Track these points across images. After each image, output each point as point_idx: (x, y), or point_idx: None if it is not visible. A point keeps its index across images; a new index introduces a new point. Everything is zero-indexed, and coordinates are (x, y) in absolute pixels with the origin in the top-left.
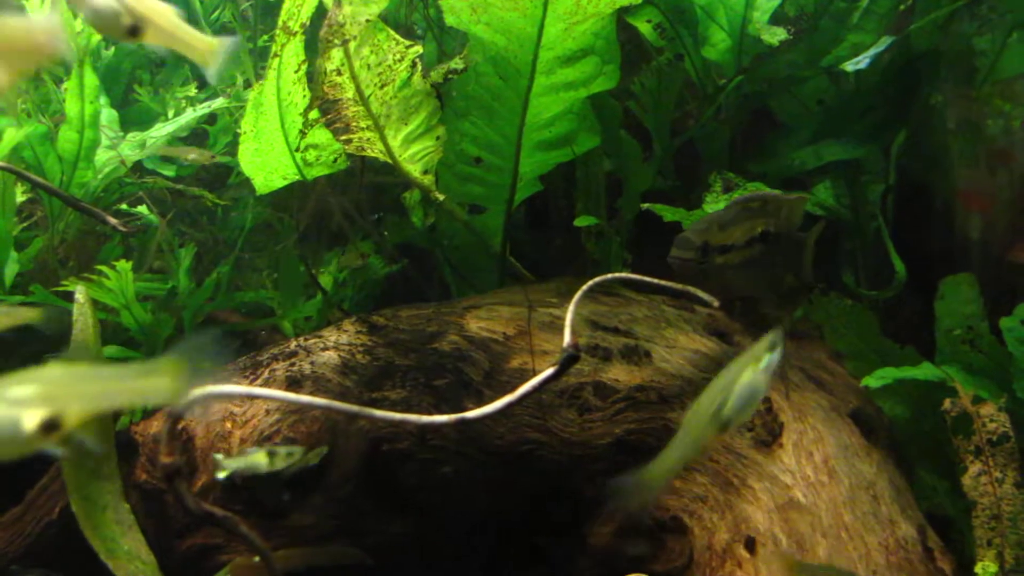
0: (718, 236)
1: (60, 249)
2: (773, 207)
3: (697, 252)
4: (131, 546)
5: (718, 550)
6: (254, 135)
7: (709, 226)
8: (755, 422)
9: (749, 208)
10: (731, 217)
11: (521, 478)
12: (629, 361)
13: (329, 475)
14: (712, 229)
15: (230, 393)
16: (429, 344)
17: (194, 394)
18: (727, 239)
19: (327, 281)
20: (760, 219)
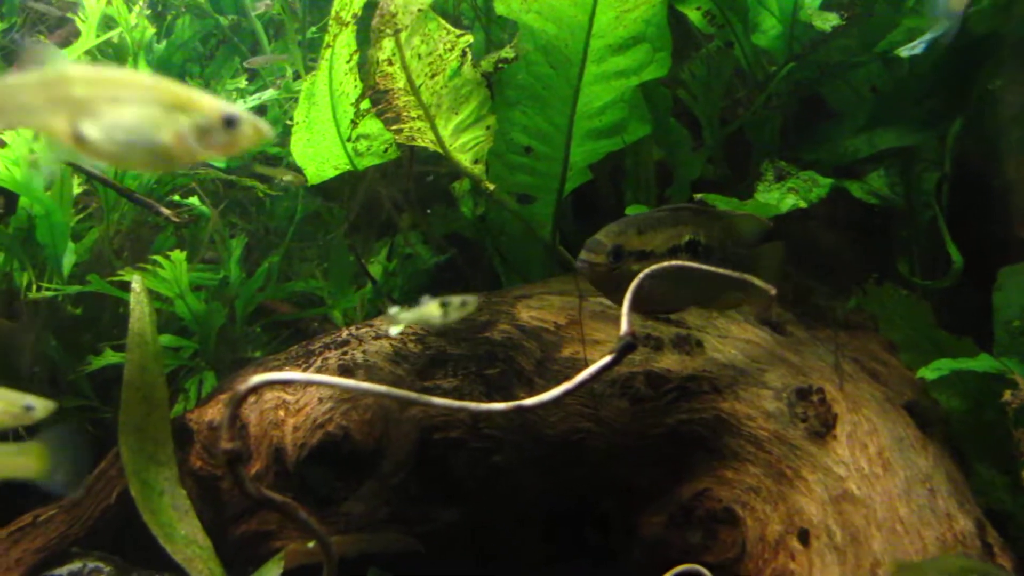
0: (635, 240)
1: (115, 240)
2: (705, 218)
3: (608, 256)
4: (188, 531)
5: (771, 542)
6: (306, 125)
7: (625, 229)
8: (808, 413)
9: (677, 214)
10: (653, 221)
11: (572, 468)
12: (681, 351)
13: (381, 463)
14: (628, 232)
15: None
16: (480, 333)
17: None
18: (645, 245)
19: (377, 271)
20: (688, 227)
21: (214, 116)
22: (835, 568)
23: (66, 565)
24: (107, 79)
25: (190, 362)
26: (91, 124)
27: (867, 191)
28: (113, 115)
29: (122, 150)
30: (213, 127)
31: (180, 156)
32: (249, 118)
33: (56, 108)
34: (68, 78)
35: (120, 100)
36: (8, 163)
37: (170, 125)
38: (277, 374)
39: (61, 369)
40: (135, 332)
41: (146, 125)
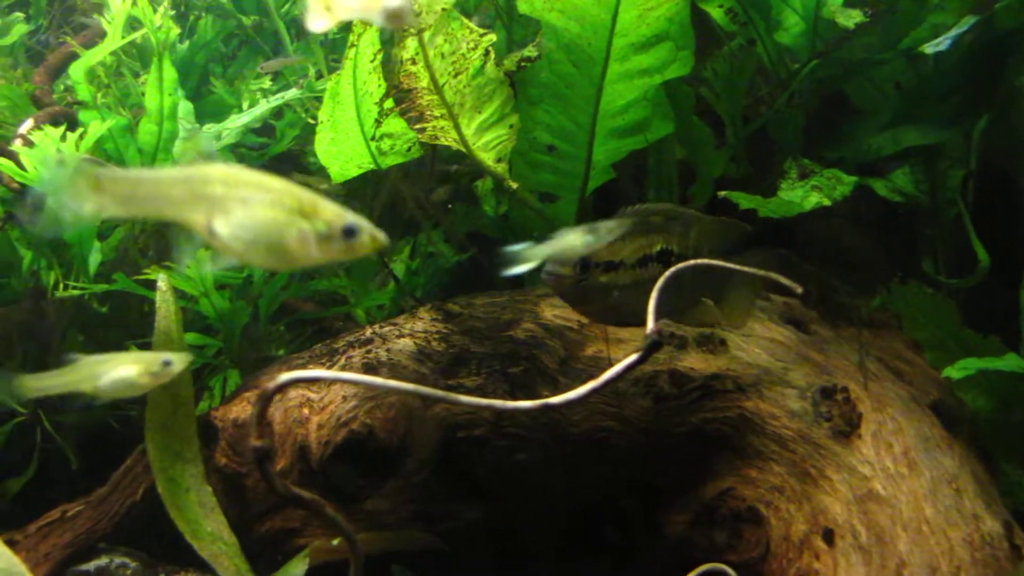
0: (603, 251)
1: (140, 239)
2: (678, 224)
3: (575, 268)
4: (214, 527)
5: (795, 541)
6: (331, 125)
7: (595, 239)
8: (833, 412)
9: (647, 222)
10: (622, 231)
11: (595, 466)
12: (705, 349)
13: (405, 461)
14: (590, 243)
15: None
16: (504, 332)
17: (282, 378)
18: (614, 256)
19: (400, 269)
20: (659, 236)
21: (336, 226)
22: (860, 568)
23: (93, 560)
24: (242, 180)
25: (214, 360)
26: (222, 221)
27: (891, 189)
28: (243, 215)
29: (247, 248)
30: (334, 235)
31: (300, 259)
32: (368, 228)
33: (195, 203)
34: (208, 176)
35: (251, 201)
36: (36, 163)
37: (294, 230)
38: (304, 372)
39: None
40: (161, 330)
41: (271, 228)
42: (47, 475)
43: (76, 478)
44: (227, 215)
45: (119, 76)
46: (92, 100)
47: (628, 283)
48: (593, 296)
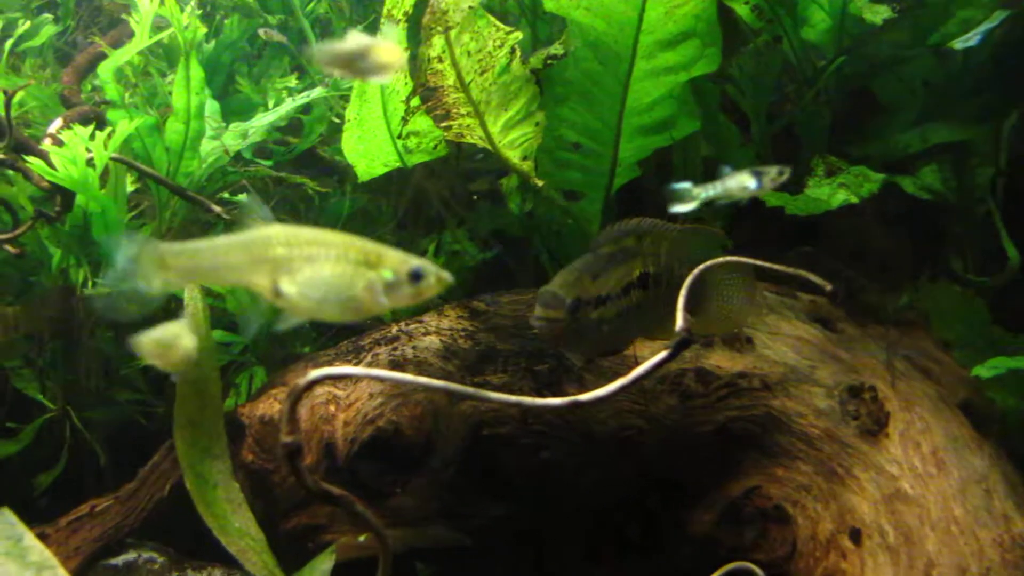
0: (590, 288)
1: (167, 236)
2: (650, 243)
3: (567, 311)
4: (242, 523)
5: (822, 540)
6: (357, 123)
7: (579, 277)
8: (860, 411)
9: (624, 249)
10: (604, 263)
11: (621, 464)
12: (731, 347)
13: (431, 458)
14: (583, 281)
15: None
16: (530, 329)
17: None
18: (600, 290)
19: None
20: (636, 261)
21: (402, 272)
22: (888, 568)
23: (122, 555)
24: (303, 239)
25: (240, 357)
26: (288, 281)
27: (919, 186)
28: (309, 273)
29: (317, 305)
30: (401, 282)
31: (370, 309)
32: (433, 270)
33: (258, 267)
34: (269, 239)
35: (315, 259)
36: (66, 162)
37: (362, 281)
38: (334, 368)
39: (114, 363)
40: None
41: (340, 282)
42: (76, 470)
43: (104, 473)
44: (292, 275)
45: (147, 76)
46: (120, 99)
47: (614, 315)
48: (586, 334)
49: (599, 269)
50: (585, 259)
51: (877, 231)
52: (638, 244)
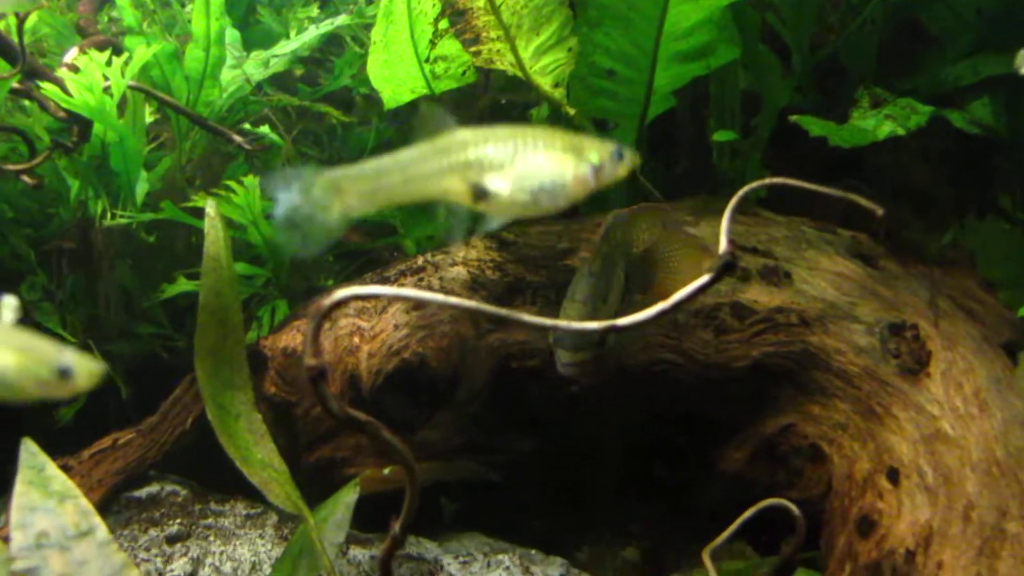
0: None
1: (187, 168)
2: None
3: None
4: (264, 455)
5: (858, 480)
6: (383, 46)
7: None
8: (901, 349)
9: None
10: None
11: (652, 400)
12: (768, 282)
13: (457, 391)
14: (598, 305)
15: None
16: (560, 260)
17: (339, 294)
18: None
19: None
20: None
21: (606, 154)
22: (926, 509)
23: (145, 487)
24: (502, 135)
25: (262, 290)
26: (498, 179)
27: (969, 120)
28: (522, 167)
29: (530, 198)
30: (605, 164)
31: (578, 194)
32: (626, 149)
33: (457, 171)
34: (466, 140)
35: (525, 152)
36: (82, 89)
37: (572, 168)
38: (360, 288)
39: (135, 297)
40: (210, 256)
41: (553, 171)
42: (98, 404)
43: (126, 407)
44: (501, 171)
45: (166, 5)
46: (138, 26)
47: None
48: (610, 360)
49: (604, 289)
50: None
51: (921, 168)
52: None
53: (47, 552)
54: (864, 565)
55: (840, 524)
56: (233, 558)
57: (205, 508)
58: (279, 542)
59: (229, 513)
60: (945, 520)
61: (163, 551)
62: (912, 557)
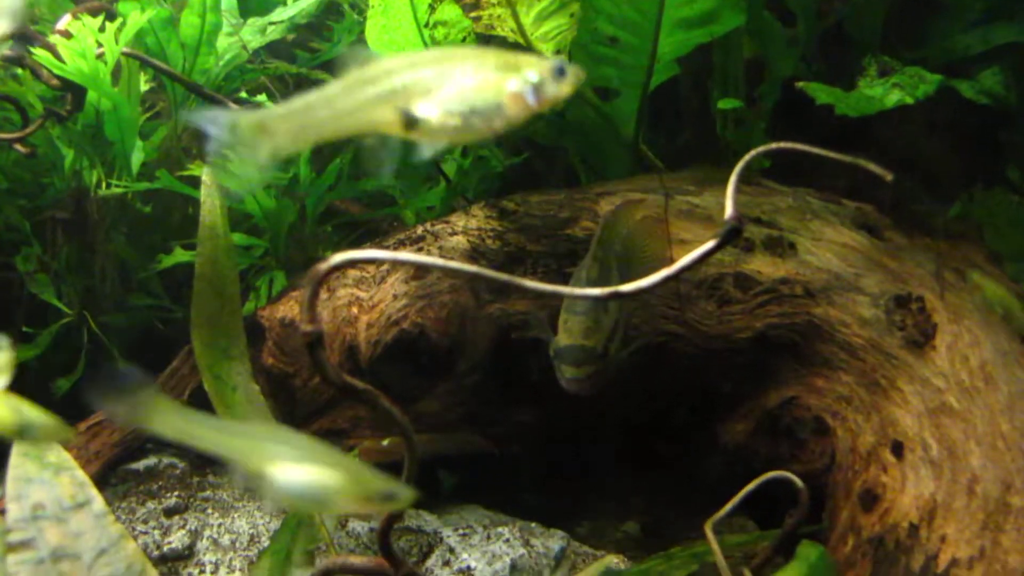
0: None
1: (183, 137)
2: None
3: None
4: None
5: (862, 453)
6: (382, 10)
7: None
8: (907, 321)
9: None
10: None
11: (654, 371)
12: (772, 252)
13: (457, 362)
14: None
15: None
16: (561, 230)
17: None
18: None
19: (450, 169)
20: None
21: (546, 70)
22: (930, 482)
23: (142, 460)
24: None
25: (260, 261)
26: (426, 104)
27: (978, 90)
28: (450, 89)
29: (462, 121)
30: (546, 80)
31: (517, 115)
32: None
33: (385, 100)
34: (392, 67)
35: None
36: (75, 55)
37: (506, 86)
38: (359, 252)
39: (131, 268)
40: (206, 225)
41: (485, 91)
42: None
43: None
44: (430, 96)
45: None
46: None
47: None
48: (611, 367)
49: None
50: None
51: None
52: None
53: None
54: (867, 539)
55: (843, 497)
56: (231, 530)
57: (203, 481)
58: (277, 514)
59: (227, 486)
60: (949, 494)
61: (161, 523)
62: (916, 531)
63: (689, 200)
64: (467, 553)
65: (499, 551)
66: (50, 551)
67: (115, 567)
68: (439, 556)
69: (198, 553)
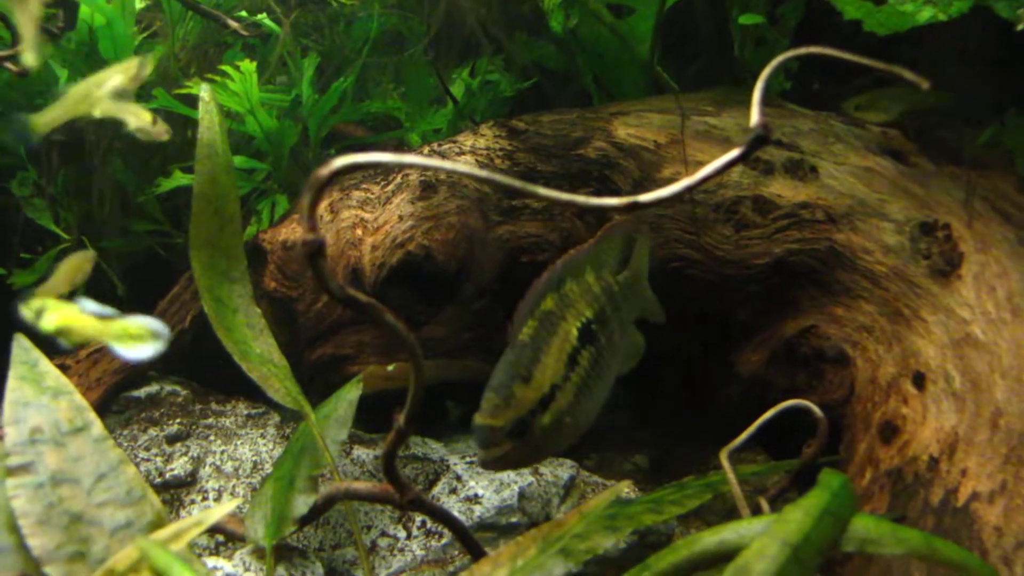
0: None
1: (181, 56)
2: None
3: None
4: (263, 349)
5: (882, 384)
6: None
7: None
8: (932, 249)
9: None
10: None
11: (667, 299)
12: (793, 176)
13: (464, 286)
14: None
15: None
16: (573, 150)
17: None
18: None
19: (458, 90)
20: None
21: None
22: (952, 415)
23: (144, 388)
24: None
25: (262, 185)
26: None
27: (1015, 8)
28: None
29: None
30: None
31: None
32: None
33: None
34: None
35: None
36: None
37: None
38: (363, 156)
39: (130, 192)
40: (204, 143)
41: None
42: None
43: (123, 306)
44: None
45: None
46: None
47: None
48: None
49: (528, 364)
50: (506, 361)
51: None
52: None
53: (41, 448)
54: (886, 471)
55: (862, 429)
56: (234, 457)
57: (206, 408)
58: (280, 441)
59: (230, 413)
60: (971, 427)
61: (163, 450)
62: (936, 464)
63: (707, 121)
64: (474, 481)
65: (507, 479)
66: (49, 475)
67: (115, 491)
68: (446, 484)
69: (201, 480)
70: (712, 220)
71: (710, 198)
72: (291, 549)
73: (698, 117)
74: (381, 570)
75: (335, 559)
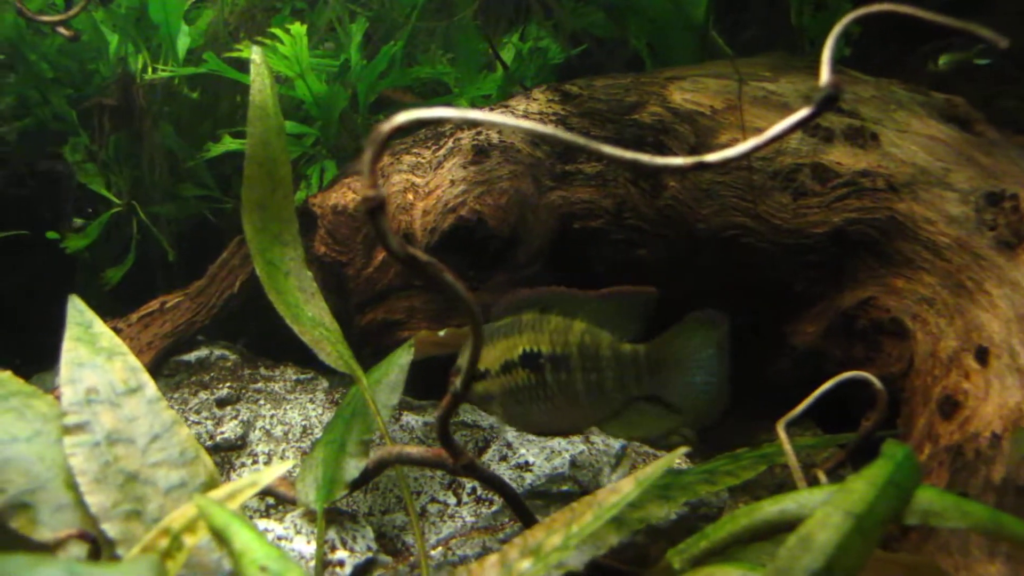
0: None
1: (230, 21)
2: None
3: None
4: (315, 312)
5: (943, 358)
6: None
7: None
8: (998, 220)
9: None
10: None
11: (722, 267)
12: (853, 143)
13: (516, 252)
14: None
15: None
16: (628, 115)
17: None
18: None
19: (508, 55)
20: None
21: None
22: (1016, 391)
23: (194, 352)
24: None
25: (311, 150)
26: None
27: None
28: None
29: None
30: None
31: None
32: None
33: None
34: None
35: None
36: None
37: None
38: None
39: (180, 157)
40: (256, 105)
41: None
42: (145, 268)
43: (173, 271)
44: None
45: None
46: None
47: (499, 392)
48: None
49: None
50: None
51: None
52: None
53: (97, 408)
54: (945, 447)
55: (921, 404)
56: (284, 422)
57: (255, 373)
58: (330, 407)
59: (279, 378)
60: None
61: (213, 414)
62: (998, 441)
63: (764, 87)
64: (525, 448)
65: (558, 447)
66: (105, 434)
67: (168, 452)
68: (496, 451)
69: (251, 444)
70: (769, 188)
71: (768, 165)
72: (341, 513)
73: (756, 83)
74: (431, 535)
75: (385, 524)
